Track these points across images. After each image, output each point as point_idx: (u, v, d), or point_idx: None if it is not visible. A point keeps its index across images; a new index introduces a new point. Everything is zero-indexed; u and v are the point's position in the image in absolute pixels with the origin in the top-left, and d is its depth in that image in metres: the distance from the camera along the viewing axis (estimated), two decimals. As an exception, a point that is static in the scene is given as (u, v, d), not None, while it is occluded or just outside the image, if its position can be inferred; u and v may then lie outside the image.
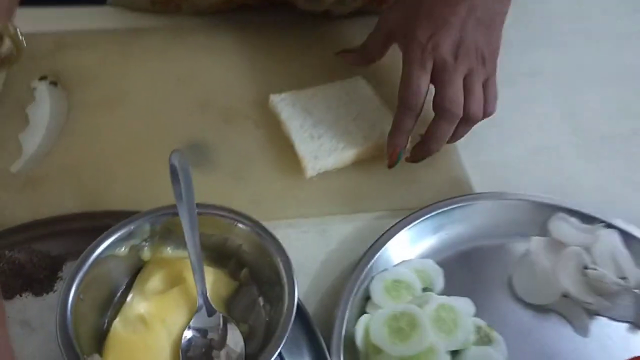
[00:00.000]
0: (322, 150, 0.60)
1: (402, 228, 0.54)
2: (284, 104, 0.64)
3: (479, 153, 0.64)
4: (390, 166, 0.57)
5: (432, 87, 0.56)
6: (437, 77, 0.54)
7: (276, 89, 0.65)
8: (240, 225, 0.48)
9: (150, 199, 0.49)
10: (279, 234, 0.47)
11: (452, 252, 0.55)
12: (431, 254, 0.55)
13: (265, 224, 0.47)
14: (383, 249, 0.53)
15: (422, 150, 0.56)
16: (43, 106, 0.62)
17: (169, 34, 0.72)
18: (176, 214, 0.45)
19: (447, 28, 0.53)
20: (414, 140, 0.58)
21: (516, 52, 0.73)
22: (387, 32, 0.60)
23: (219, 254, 0.50)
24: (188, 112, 0.64)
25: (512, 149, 0.66)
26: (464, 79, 0.54)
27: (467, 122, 0.55)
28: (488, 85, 0.55)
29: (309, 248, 0.56)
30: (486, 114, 0.56)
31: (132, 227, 0.47)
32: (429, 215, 0.56)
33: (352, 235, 0.57)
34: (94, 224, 0.49)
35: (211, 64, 0.69)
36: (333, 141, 0.60)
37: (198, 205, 0.45)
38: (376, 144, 0.61)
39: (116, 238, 0.46)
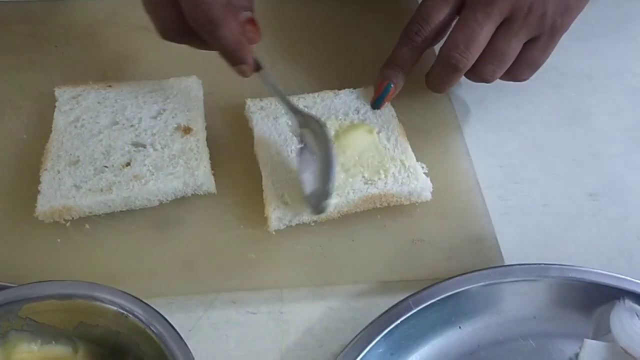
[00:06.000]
0: (297, 194, 0.42)
1: (398, 317, 0.38)
2: (262, 114, 0.46)
3: (508, 195, 0.47)
4: (373, 103, 0.48)
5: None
6: (459, 17, 0.45)
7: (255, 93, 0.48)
8: (132, 318, 0.31)
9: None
10: (214, 316, 0.38)
11: (470, 357, 0.39)
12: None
13: (199, 297, 0.39)
14: (369, 347, 0.36)
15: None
16: None
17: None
18: (45, 298, 0.32)
19: None
20: None
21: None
22: None
23: (111, 350, 0.35)
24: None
25: (557, 187, 0.47)
26: (498, 29, 0.44)
27: (477, 77, 0.47)
28: (535, 46, 0.45)
29: (255, 340, 0.39)
30: (514, 78, 0.47)
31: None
32: (438, 298, 0.39)
33: (323, 322, 0.40)
34: None
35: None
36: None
37: (71, 283, 0.32)
38: (378, 195, 0.43)
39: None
